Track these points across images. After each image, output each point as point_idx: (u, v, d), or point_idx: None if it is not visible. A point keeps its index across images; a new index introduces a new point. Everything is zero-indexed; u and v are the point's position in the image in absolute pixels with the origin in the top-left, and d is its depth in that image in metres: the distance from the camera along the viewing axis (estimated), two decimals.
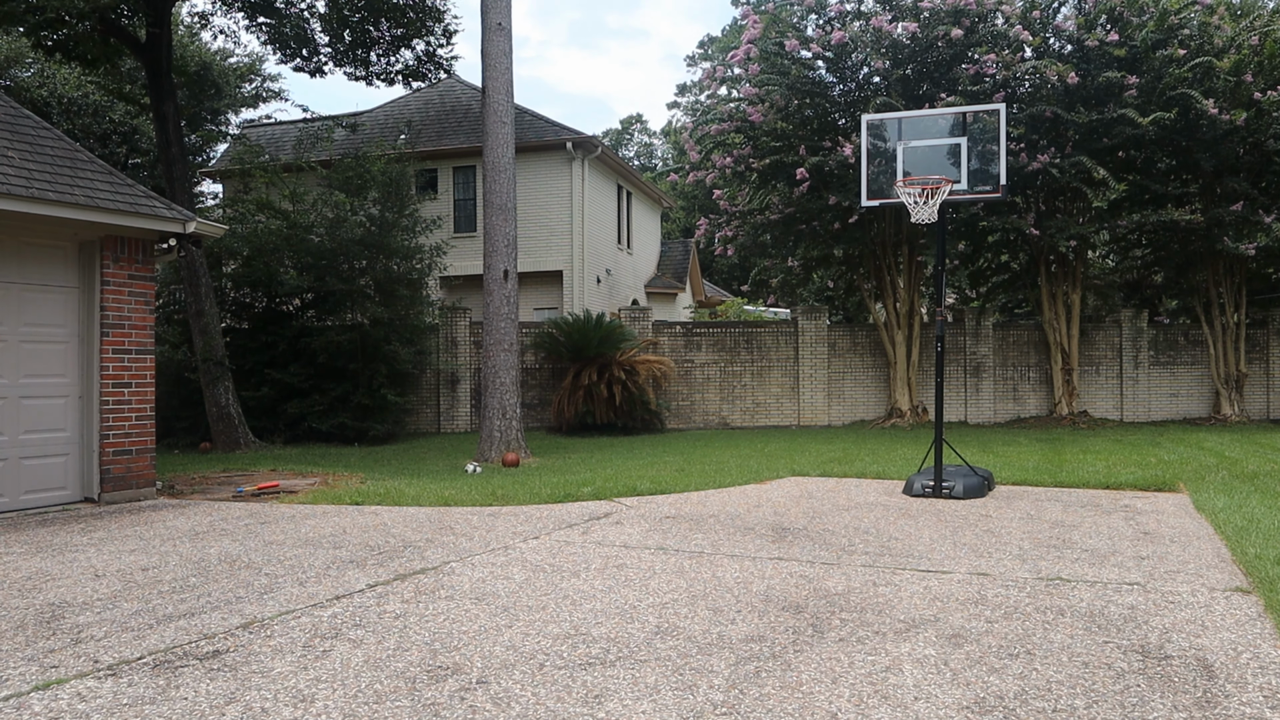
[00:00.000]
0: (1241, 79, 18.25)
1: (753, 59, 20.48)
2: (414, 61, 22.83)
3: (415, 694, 4.22)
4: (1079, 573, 6.51)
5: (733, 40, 39.19)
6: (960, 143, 10.92)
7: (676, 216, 49.90)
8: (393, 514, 9.40)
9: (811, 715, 3.93)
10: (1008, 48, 18.63)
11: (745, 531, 8.25)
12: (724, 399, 22.69)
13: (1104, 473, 11.64)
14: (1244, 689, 4.18)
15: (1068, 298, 21.27)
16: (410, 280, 20.13)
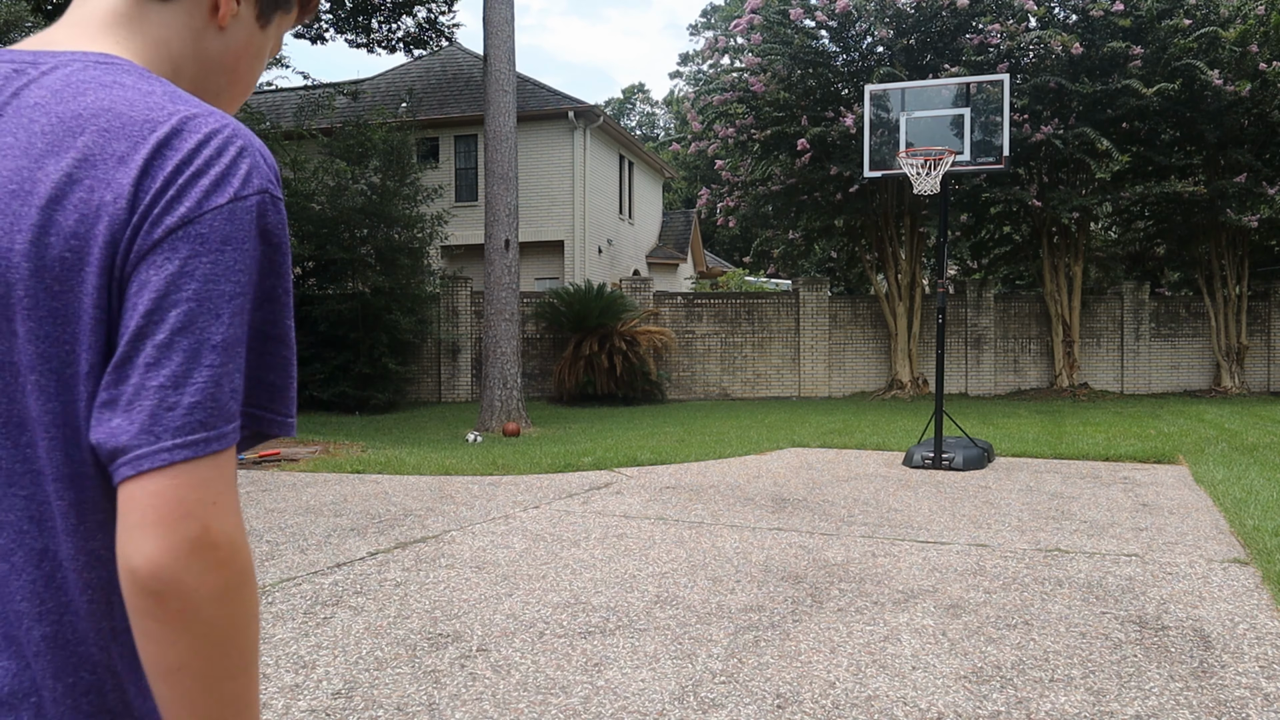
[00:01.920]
0: (1247, 50, 18.12)
1: (755, 28, 20.34)
2: (416, 29, 22.71)
3: (416, 661, 4.25)
4: (1077, 544, 6.54)
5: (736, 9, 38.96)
6: (964, 114, 10.88)
7: (678, 187, 49.76)
8: (393, 482, 9.43)
9: (810, 684, 3.95)
10: (1012, 17, 18.50)
11: (745, 502, 8.28)
12: (725, 370, 22.69)
13: (1104, 445, 11.66)
14: (1240, 659, 4.20)
15: (1070, 269, 21.22)
16: (411, 249, 20.09)
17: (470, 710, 3.70)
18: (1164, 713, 3.64)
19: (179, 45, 1.03)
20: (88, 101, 0.91)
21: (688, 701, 3.78)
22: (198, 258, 0.87)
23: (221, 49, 1.06)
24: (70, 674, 0.90)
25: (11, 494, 0.89)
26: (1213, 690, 3.85)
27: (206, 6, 1.03)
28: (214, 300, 0.87)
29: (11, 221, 0.88)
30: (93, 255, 0.87)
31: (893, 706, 3.71)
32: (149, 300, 0.86)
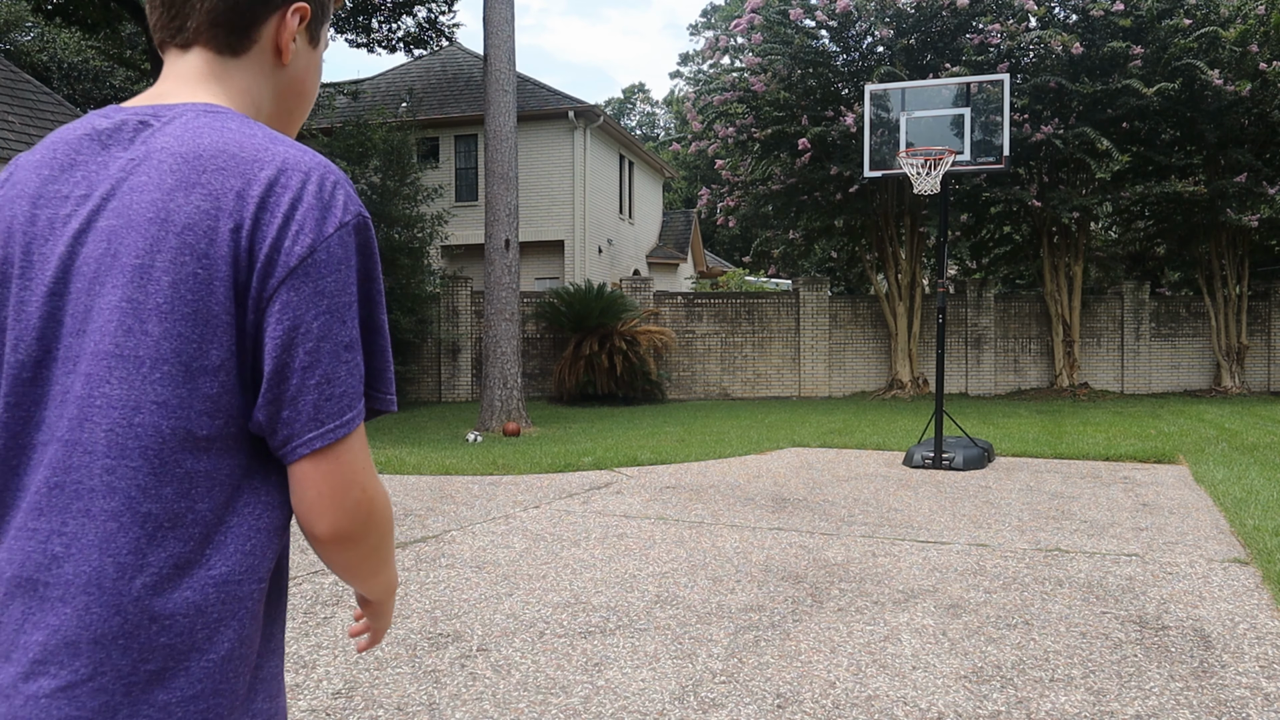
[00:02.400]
0: (1247, 49, 18.11)
1: (756, 28, 20.33)
2: (416, 28, 22.71)
3: (416, 661, 4.25)
4: (1078, 544, 6.54)
5: (736, 9, 38.96)
6: (964, 113, 10.88)
7: (678, 187, 49.77)
8: (393, 482, 9.43)
9: (810, 684, 3.95)
10: (1012, 17, 18.50)
11: (745, 502, 8.28)
12: (725, 370, 22.69)
13: (1104, 444, 11.66)
14: (1240, 659, 4.20)
15: (1070, 269, 21.22)
16: (411, 249, 20.09)
17: (470, 710, 3.70)
18: (1164, 712, 3.64)
19: (257, 89, 1.29)
20: (205, 144, 1.13)
21: (688, 701, 3.78)
22: (325, 279, 1.11)
23: (289, 80, 1.33)
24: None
25: (124, 464, 1.08)
26: (1213, 690, 3.85)
27: (271, 52, 1.28)
28: (340, 310, 1.12)
29: (153, 244, 1.09)
30: (220, 273, 1.09)
31: (893, 706, 3.71)
32: (293, 318, 1.09)
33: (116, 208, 1.12)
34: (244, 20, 1.24)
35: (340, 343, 1.13)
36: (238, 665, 1.14)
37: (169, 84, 1.25)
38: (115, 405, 1.09)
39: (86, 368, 1.10)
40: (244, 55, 1.26)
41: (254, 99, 1.28)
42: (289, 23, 1.28)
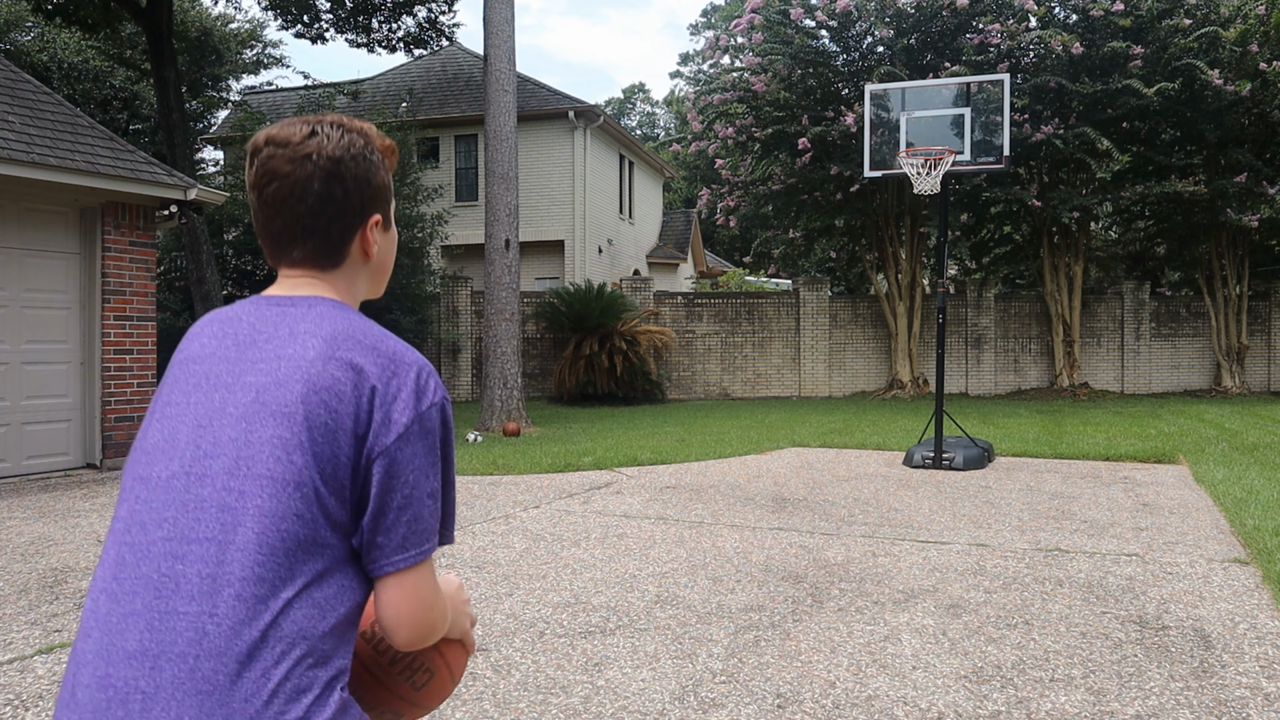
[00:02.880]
0: (1247, 49, 18.11)
1: (756, 27, 20.34)
2: (416, 28, 22.70)
3: None
4: (1078, 544, 6.54)
5: (736, 9, 38.97)
6: (964, 113, 10.87)
7: (678, 186, 49.76)
8: None
9: (810, 684, 3.95)
10: (1012, 17, 18.50)
11: (745, 502, 8.28)
12: (725, 370, 22.69)
13: (1104, 444, 11.66)
14: (1240, 659, 4.20)
15: (1070, 269, 21.22)
16: (412, 249, 20.10)
17: (470, 710, 3.70)
18: (1164, 712, 3.64)
19: (352, 281, 1.65)
20: (336, 327, 1.51)
21: (688, 701, 3.78)
22: (419, 442, 1.47)
23: (376, 265, 1.69)
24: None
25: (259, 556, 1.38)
26: (1213, 690, 3.85)
27: (359, 254, 1.63)
28: (428, 468, 1.48)
29: (302, 398, 1.43)
30: (345, 425, 1.43)
31: (893, 706, 3.71)
32: (393, 470, 1.44)
33: (266, 369, 1.49)
34: (338, 247, 1.60)
35: (426, 491, 1.48)
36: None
37: (291, 285, 1.61)
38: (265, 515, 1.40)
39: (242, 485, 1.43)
40: (341, 266, 1.62)
41: (352, 289, 1.64)
42: (370, 234, 1.62)
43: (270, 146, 1.55)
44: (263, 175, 1.56)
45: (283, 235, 1.58)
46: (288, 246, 1.59)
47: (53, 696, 3.83)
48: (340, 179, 1.56)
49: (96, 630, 1.40)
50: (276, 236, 1.59)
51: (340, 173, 1.56)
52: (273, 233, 1.59)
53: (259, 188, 1.57)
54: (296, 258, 1.60)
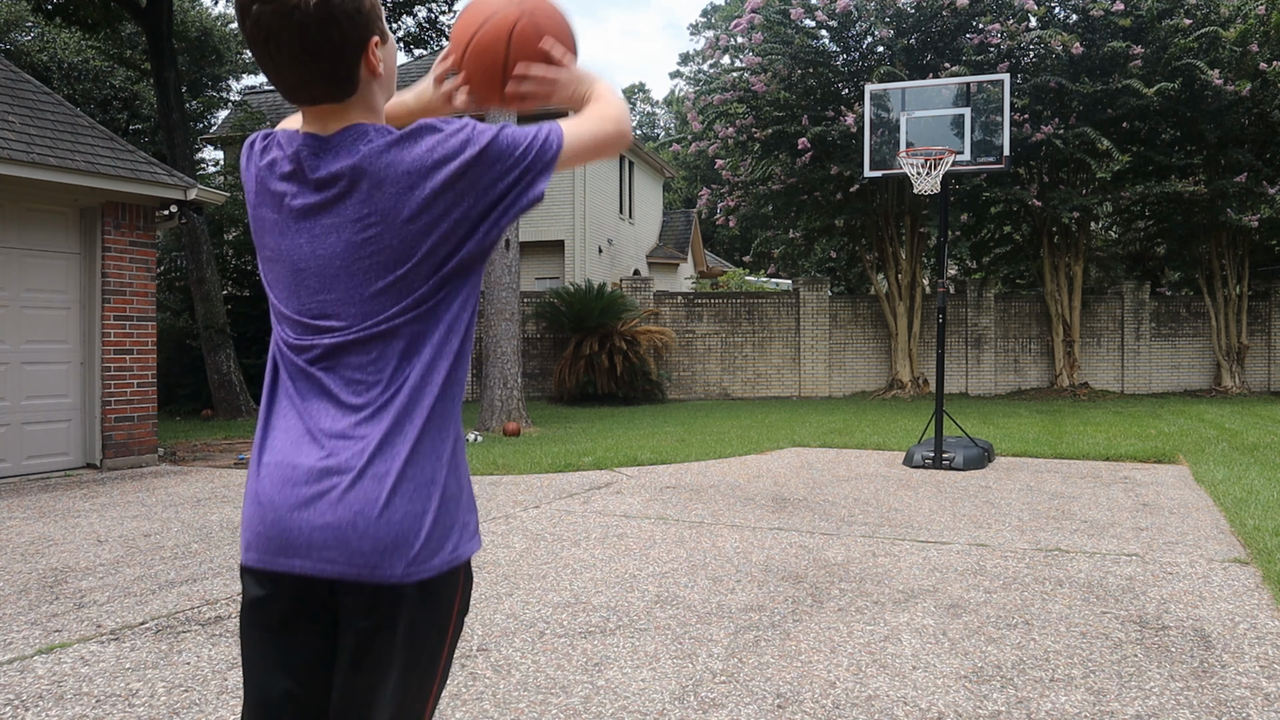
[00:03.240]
0: (1247, 49, 18.11)
1: (756, 27, 20.33)
2: (416, 28, 22.69)
3: None
4: (1078, 544, 6.54)
5: (736, 9, 38.94)
6: (964, 113, 10.88)
7: (678, 186, 49.77)
8: None
9: (810, 684, 3.95)
10: (1012, 17, 18.50)
11: (745, 502, 8.28)
12: (725, 370, 22.69)
13: (1104, 444, 11.66)
14: (1240, 659, 4.20)
15: (1070, 269, 21.22)
16: None
17: (470, 710, 3.70)
18: (1164, 712, 3.64)
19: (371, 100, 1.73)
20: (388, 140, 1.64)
21: (688, 701, 3.78)
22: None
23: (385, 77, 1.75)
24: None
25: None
26: (1213, 690, 3.85)
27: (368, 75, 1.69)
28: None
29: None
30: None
31: (893, 706, 3.71)
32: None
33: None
34: (350, 77, 1.65)
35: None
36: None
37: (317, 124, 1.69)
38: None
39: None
40: (358, 90, 1.68)
41: (372, 106, 1.72)
42: (373, 55, 1.67)
43: (259, 5, 1.57)
44: (258, 31, 1.59)
45: (296, 82, 1.65)
46: (304, 89, 1.66)
47: (53, 697, 3.83)
48: (334, 20, 1.59)
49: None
50: (290, 84, 1.65)
51: (332, 13, 1.58)
52: (286, 81, 1.65)
53: (256, 43, 1.61)
54: (317, 95, 1.66)
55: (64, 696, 3.83)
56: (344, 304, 1.67)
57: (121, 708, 3.72)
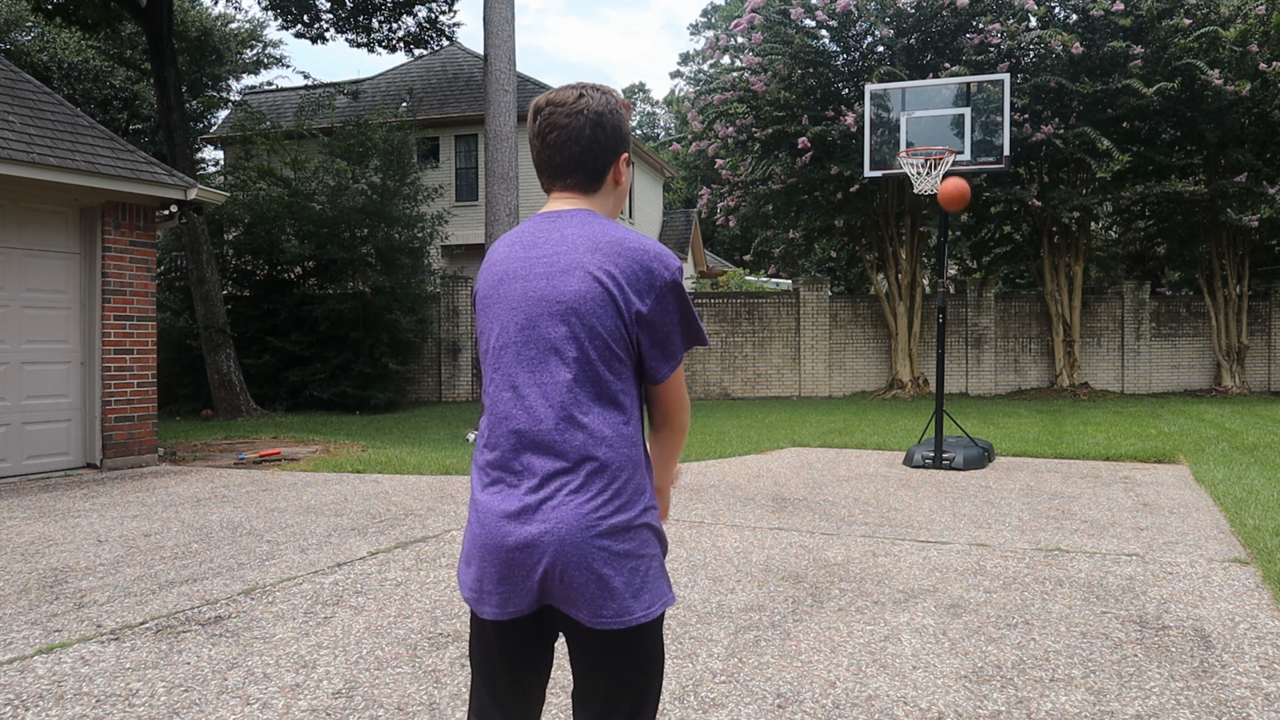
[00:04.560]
0: (1247, 49, 18.10)
1: (756, 27, 20.33)
2: (416, 28, 22.69)
3: (416, 660, 4.25)
4: (1078, 544, 6.54)
5: (736, 8, 38.94)
6: (964, 113, 10.88)
7: (678, 186, 49.74)
8: (394, 482, 9.43)
9: (810, 684, 3.95)
10: (1012, 17, 18.49)
11: (745, 501, 8.28)
12: (725, 369, 22.69)
13: (1104, 444, 11.66)
14: (1240, 659, 4.20)
15: (1070, 269, 21.21)
16: (412, 249, 20.07)
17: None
18: (1164, 712, 3.64)
19: (606, 203, 2.19)
20: (595, 230, 2.05)
21: (688, 701, 3.78)
22: (683, 291, 2.06)
23: (620, 191, 2.23)
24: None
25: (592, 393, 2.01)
26: (1213, 690, 3.85)
27: (611, 182, 2.18)
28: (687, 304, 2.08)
29: (575, 283, 1.99)
30: (613, 300, 1.98)
31: (893, 706, 3.71)
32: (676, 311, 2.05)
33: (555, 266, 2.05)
34: (599, 176, 2.15)
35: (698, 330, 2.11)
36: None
37: (559, 204, 2.15)
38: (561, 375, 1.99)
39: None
40: (599, 191, 2.17)
41: (607, 208, 2.18)
42: (622, 166, 2.17)
43: (550, 106, 2.11)
44: (546, 126, 2.11)
45: (560, 168, 2.13)
46: (563, 176, 2.14)
47: (53, 696, 3.83)
48: (602, 128, 2.11)
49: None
50: (555, 169, 2.13)
51: (602, 123, 2.11)
52: (552, 166, 2.13)
53: (543, 135, 2.12)
54: (569, 184, 2.14)
55: (64, 696, 3.84)
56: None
57: (121, 708, 3.72)
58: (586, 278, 1.98)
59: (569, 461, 1.95)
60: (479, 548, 2.00)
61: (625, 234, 2.05)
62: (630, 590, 1.95)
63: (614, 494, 1.96)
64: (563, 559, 1.91)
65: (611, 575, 1.93)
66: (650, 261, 2.02)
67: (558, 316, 2.00)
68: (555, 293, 2.00)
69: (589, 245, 2.02)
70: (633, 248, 2.02)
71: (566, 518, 1.92)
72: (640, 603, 1.95)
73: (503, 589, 1.97)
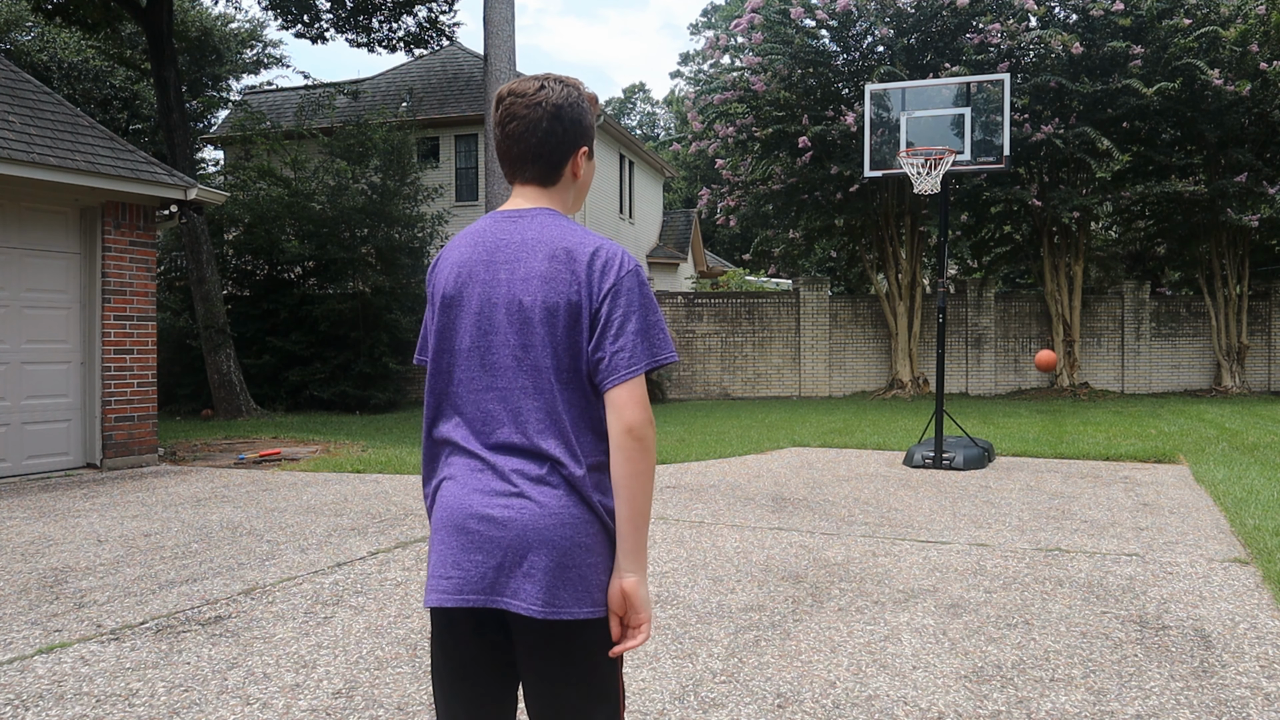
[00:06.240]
0: (1247, 49, 18.10)
1: (756, 27, 20.33)
2: (416, 28, 22.70)
3: (416, 660, 4.25)
4: (1078, 544, 6.54)
5: (736, 8, 38.92)
6: (964, 113, 10.87)
7: (679, 186, 49.74)
8: (394, 482, 9.43)
9: (810, 683, 3.95)
10: (1012, 17, 18.49)
11: (745, 501, 8.28)
12: (725, 369, 22.69)
13: (1104, 444, 11.66)
14: (1240, 659, 4.20)
15: (1070, 269, 21.21)
16: (412, 249, 20.07)
17: None
18: (1164, 712, 3.64)
19: (563, 196, 2.19)
20: (553, 234, 2.04)
21: (688, 701, 3.78)
22: (630, 293, 1.97)
23: (580, 184, 2.22)
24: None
25: (537, 403, 1.98)
26: (1213, 690, 3.85)
27: (570, 176, 2.17)
28: (645, 302, 1.99)
29: (535, 290, 1.98)
30: (562, 309, 1.96)
31: (893, 706, 3.71)
32: (618, 317, 1.96)
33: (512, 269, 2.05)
34: (557, 170, 2.15)
35: (652, 321, 2.01)
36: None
37: (519, 200, 2.15)
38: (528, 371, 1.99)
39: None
40: (558, 184, 2.16)
41: (565, 202, 2.19)
42: (580, 160, 2.16)
43: (510, 96, 2.12)
44: (506, 116, 2.13)
45: (519, 159, 2.13)
46: (522, 168, 2.14)
47: (53, 696, 3.84)
48: (560, 120, 2.11)
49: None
50: (514, 160, 2.14)
51: (560, 116, 2.11)
52: (511, 157, 2.13)
53: (502, 125, 2.13)
54: (528, 176, 2.14)
55: (64, 696, 3.84)
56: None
57: (121, 708, 3.72)
58: (542, 287, 1.98)
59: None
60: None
61: (580, 238, 2.04)
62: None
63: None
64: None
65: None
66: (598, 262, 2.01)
67: (515, 325, 2.00)
68: (514, 299, 2.00)
69: (546, 252, 2.01)
70: (583, 253, 2.00)
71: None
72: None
73: None
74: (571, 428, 1.96)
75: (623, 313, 1.95)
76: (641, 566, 1.96)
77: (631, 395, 1.93)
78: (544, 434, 1.96)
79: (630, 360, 1.93)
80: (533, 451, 1.96)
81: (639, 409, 1.92)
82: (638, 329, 1.95)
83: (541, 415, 1.96)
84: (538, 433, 1.96)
